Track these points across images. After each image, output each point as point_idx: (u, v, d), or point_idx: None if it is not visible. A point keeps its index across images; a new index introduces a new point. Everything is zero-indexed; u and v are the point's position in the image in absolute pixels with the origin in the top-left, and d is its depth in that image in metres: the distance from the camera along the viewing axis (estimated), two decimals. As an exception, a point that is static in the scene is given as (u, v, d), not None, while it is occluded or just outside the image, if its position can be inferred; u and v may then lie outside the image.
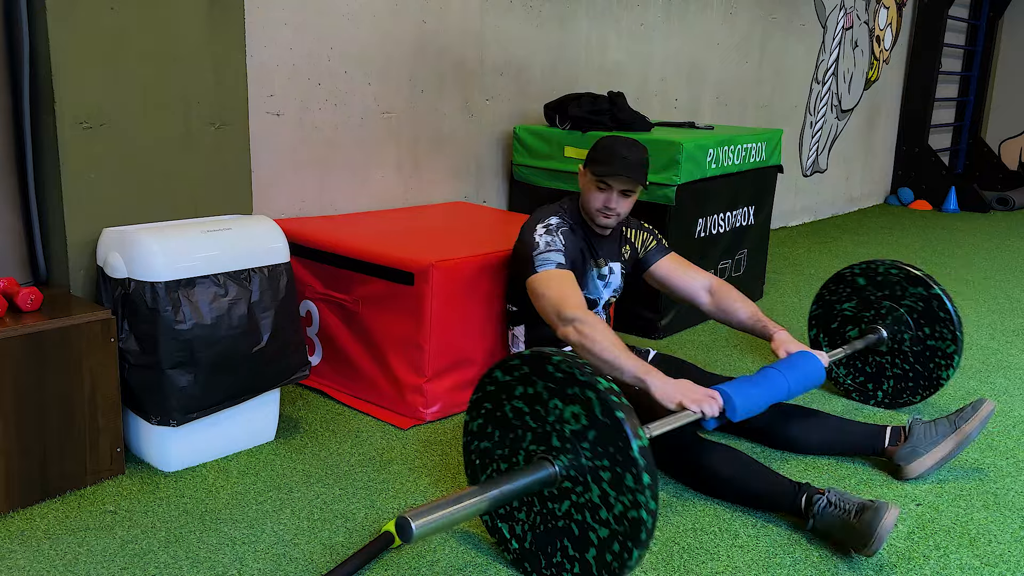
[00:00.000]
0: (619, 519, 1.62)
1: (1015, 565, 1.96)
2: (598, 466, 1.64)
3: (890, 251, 5.51)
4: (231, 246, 2.29)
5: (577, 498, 1.69)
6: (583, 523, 1.69)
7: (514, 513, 1.84)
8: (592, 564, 1.69)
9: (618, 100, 3.80)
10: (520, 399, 1.77)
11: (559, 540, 1.75)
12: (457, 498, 1.64)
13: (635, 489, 1.59)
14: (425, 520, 1.55)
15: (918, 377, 2.75)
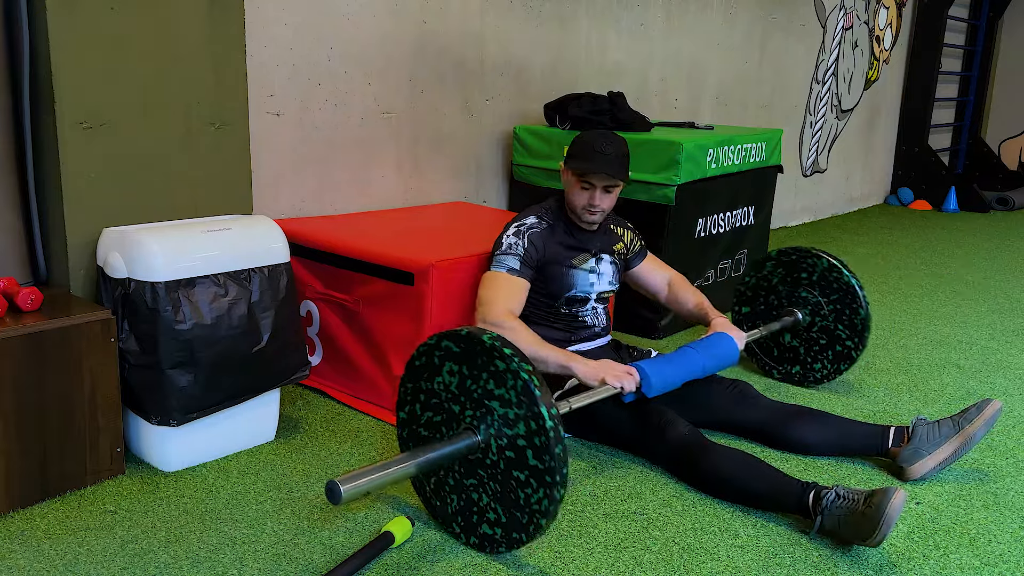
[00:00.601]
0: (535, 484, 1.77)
1: (1015, 565, 1.96)
2: (516, 434, 1.78)
3: (890, 251, 5.52)
4: (231, 246, 2.29)
5: (495, 465, 1.83)
6: (503, 485, 1.83)
7: (442, 479, 1.96)
8: (512, 521, 1.84)
9: (618, 100, 3.80)
10: (448, 374, 1.90)
11: (481, 500, 1.89)
12: (385, 464, 1.78)
13: (547, 457, 1.73)
14: (353, 484, 1.69)
15: (832, 355, 2.94)
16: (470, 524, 1.93)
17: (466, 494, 1.92)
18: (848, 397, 2.92)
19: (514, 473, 1.80)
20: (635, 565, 1.90)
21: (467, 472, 1.90)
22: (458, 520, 1.96)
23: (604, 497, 2.19)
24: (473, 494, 1.90)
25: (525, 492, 1.79)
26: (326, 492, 1.69)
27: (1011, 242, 5.97)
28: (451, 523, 1.98)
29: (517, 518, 1.83)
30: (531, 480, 1.77)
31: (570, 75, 4.29)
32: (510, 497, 1.82)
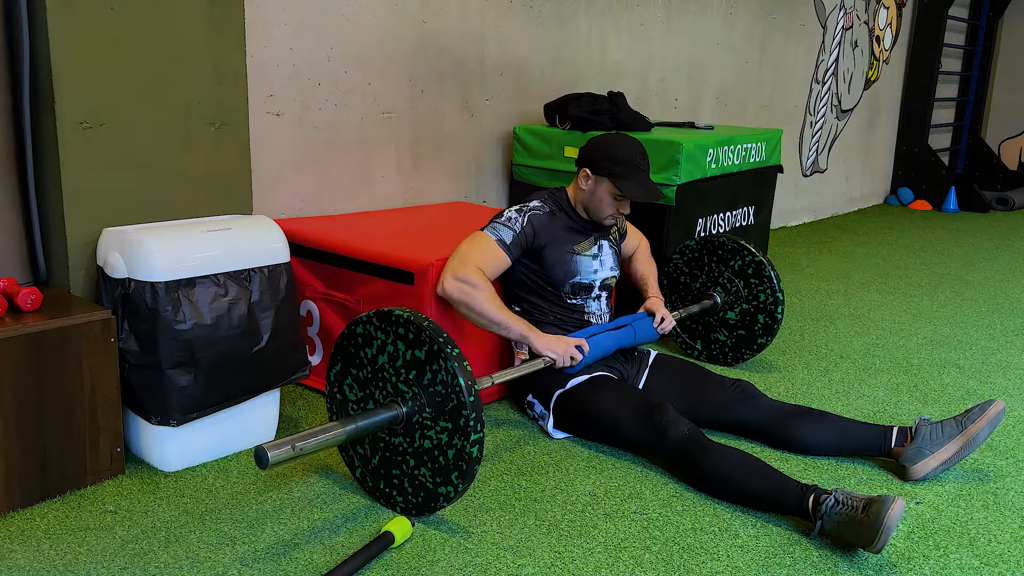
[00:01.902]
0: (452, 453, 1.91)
1: (1015, 565, 1.96)
2: (436, 440, 1.93)
3: (890, 251, 5.52)
4: (231, 246, 2.29)
5: (419, 436, 1.96)
6: (422, 456, 1.96)
7: (367, 448, 2.10)
8: (412, 497, 2.01)
9: (618, 100, 3.80)
10: (375, 350, 2.03)
11: (391, 469, 2.04)
12: (313, 432, 1.88)
13: (465, 428, 1.87)
14: (280, 451, 1.78)
15: (747, 333, 3.12)
16: (399, 489, 2.04)
17: (391, 462, 2.03)
18: (848, 397, 2.92)
19: (426, 460, 1.96)
20: (635, 565, 1.90)
21: (386, 437, 2.03)
22: (382, 486, 2.08)
23: (604, 497, 2.19)
24: (398, 459, 2.02)
25: (435, 480, 1.95)
26: (255, 458, 1.78)
27: (1011, 242, 5.97)
28: (376, 490, 2.09)
29: (422, 496, 1.99)
30: (440, 473, 1.94)
31: (570, 75, 4.29)
32: (434, 461, 1.95)
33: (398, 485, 2.04)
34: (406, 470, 2.01)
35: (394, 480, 2.05)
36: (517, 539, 1.99)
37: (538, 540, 1.99)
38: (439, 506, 1.98)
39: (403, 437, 2.00)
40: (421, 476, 1.98)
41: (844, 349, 3.44)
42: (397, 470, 2.03)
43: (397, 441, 2.01)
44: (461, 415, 1.88)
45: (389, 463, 2.05)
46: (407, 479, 2.02)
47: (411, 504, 2.03)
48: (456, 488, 1.93)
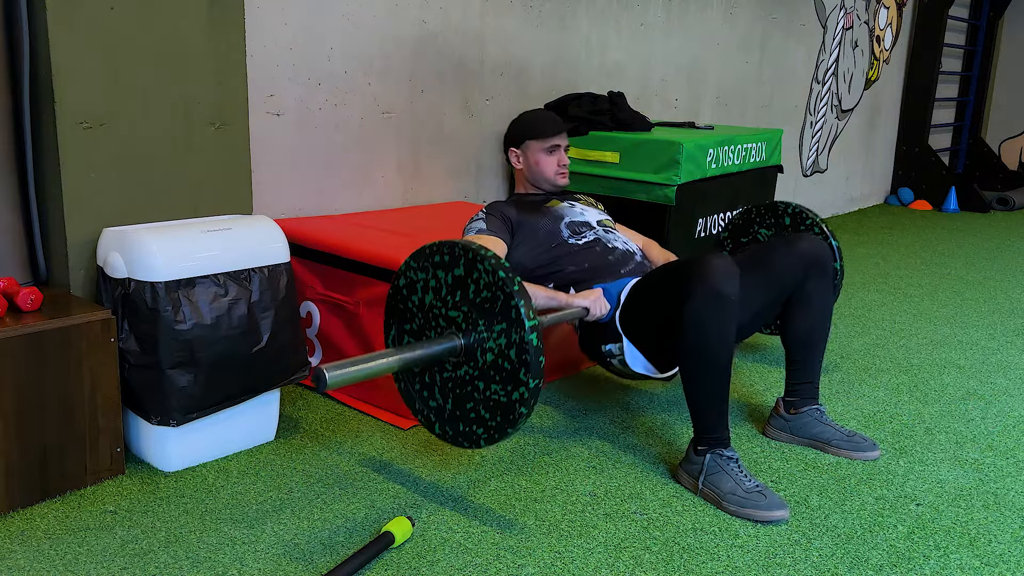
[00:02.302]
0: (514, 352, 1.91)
1: (1015, 565, 1.96)
2: (496, 348, 1.94)
3: (890, 251, 5.52)
4: (231, 246, 2.29)
5: (480, 354, 1.97)
6: (489, 372, 1.97)
7: (427, 389, 2.11)
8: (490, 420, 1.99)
9: (618, 100, 3.80)
10: (420, 292, 2.07)
11: (465, 404, 2.03)
12: (370, 356, 1.92)
13: (518, 319, 1.89)
14: (339, 372, 1.82)
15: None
16: (478, 419, 2.01)
17: (463, 398, 2.03)
18: (848, 397, 2.92)
19: (494, 375, 1.95)
20: (635, 565, 1.90)
21: (451, 374, 2.04)
22: (461, 428, 2.06)
23: (604, 497, 2.19)
24: (468, 390, 2.02)
25: (506, 389, 1.94)
26: (313, 379, 1.82)
27: (1011, 242, 5.97)
28: (458, 436, 2.07)
29: (499, 415, 1.97)
30: (510, 380, 1.92)
31: (570, 75, 4.29)
32: (500, 371, 1.94)
33: (475, 417, 2.01)
34: (479, 396, 1.99)
35: (471, 414, 2.02)
36: (517, 539, 1.99)
37: (538, 540, 1.99)
38: (519, 415, 1.93)
39: (466, 364, 2.00)
40: (494, 394, 1.96)
41: (844, 349, 3.44)
42: (471, 402, 2.01)
43: (462, 372, 2.02)
44: (511, 307, 1.89)
45: (461, 399, 2.03)
46: (482, 405, 1.99)
47: (493, 429, 1.99)
48: (528, 386, 1.89)
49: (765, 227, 3.10)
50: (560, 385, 2.97)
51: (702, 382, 2.16)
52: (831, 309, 2.53)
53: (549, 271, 2.59)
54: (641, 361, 2.43)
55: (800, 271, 2.47)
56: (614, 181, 3.53)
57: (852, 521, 2.11)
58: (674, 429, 2.62)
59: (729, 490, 2.12)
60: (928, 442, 2.58)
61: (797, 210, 3.04)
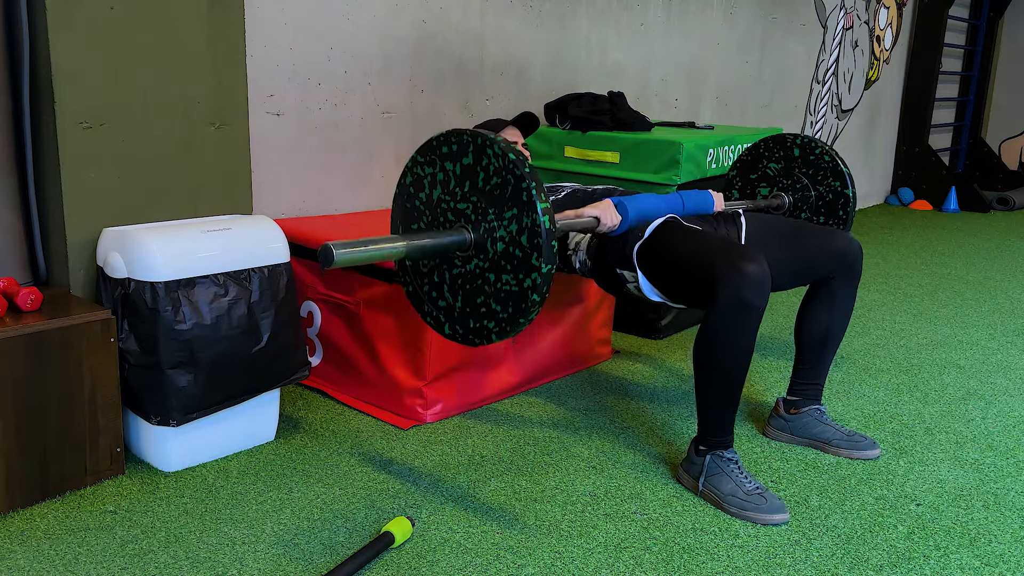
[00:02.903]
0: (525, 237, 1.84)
1: (1015, 565, 1.96)
2: (507, 235, 1.87)
3: (890, 251, 5.52)
4: (231, 246, 2.29)
5: (491, 244, 1.90)
6: (500, 262, 1.90)
7: (435, 289, 2.05)
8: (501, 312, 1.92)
9: (618, 100, 3.80)
10: (427, 187, 2.00)
11: (475, 298, 1.97)
12: (378, 239, 1.87)
13: (530, 202, 1.82)
14: (346, 250, 1.77)
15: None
16: (489, 313, 1.95)
17: (473, 292, 1.96)
18: (848, 397, 2.92)
19: (504, 264, 1.88)
20: (635, 565, 1.90)
21: (461, 269, 1.98)
22: (472, 324, 2.00)
23: (604, 497, 2.19)
24: (479, 283, 1.94)
25: (518, 278, 1.86)
26: (319, 255, 1.77)
27: (1011, 242, 5.97)
28: (468, 333, 2.01)
29: (511, 305, 1.90)
30: (522, 267, 1.85)
31: (570, 75, 4.29)
32: (512, 259, 1.87)
33: (487, 312, 1.94)
34: (489, 289, 1.92)
35: (482, 309, 1.95)
36: (517, 539, 1.99)
37: (538, 540, 1.99)
38: (531, 303, 1.86)
39: (476, 257, 1.93)
40: (505, 284, 1.89)
41: (844, 349, 3.44)
42: (481, 296, 1.95)
43: (472, 266, 1.95)
44: (522, 190, 1.81)
45: (472, 294, 1.96)
46: (492, 298, 1.92)
47: (504, 321, 1.92)
48: (540, 271, 1.82)
49: (774, 161, 3.07)
50: (560, 385, 2.97)
51: (715, 386, 2.15)
52: (850, 315, 2.52)
53: None
54: (655, 292, 2.34)
55: (831, 266, 2.44)
56: (614, 181, 3.52)
57: (852, 521, 2.11)
58: (674, 429, 2.62)
59: (730, 492, 2.12)
60: (928, 442, 2.58)
61: (806, 140, 2.99)
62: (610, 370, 3.13)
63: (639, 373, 3.10)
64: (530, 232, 1.82)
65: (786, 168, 3.05)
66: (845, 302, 2.49)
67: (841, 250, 2.44)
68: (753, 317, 2.06)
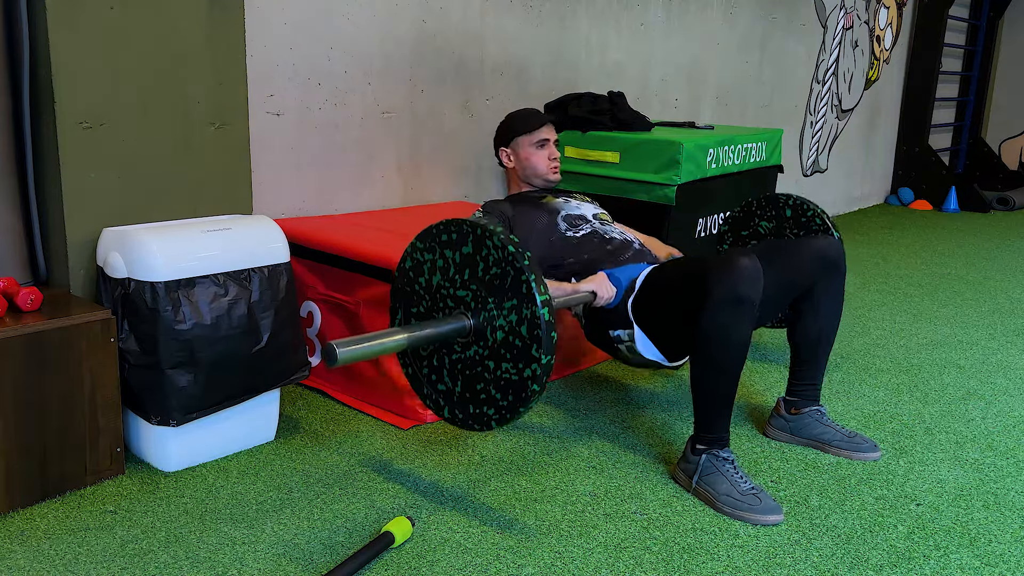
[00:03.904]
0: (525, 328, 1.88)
1: (1015, 565, 1.96)
2: (507, 325, 1.91)
3: (890, 251, 5.52)
4: (231, 246, 2.29)
5: (490, 332, 1.95)
6: (500, 351, 1.94)
7: (435, 372, 2.09)
8: (501, 400, 1.96)
9: (618, 100, 3.80)
10: (427, 273, 2.05)
11: (475, 385, 2.00)
12: (379, 334, 1.91)
13: (529, 294, 1.86)
14: (349, 349, 1.82)
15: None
16: (488, 400, 1.98)
17: (473, 379, 2.00)
18: (848, 397, 2.92)
19: (504, 353, 1.92)
20: (635, 565, 1.90)
21: (460, 355, 2.02)
22: (471, 410, 2.03)
23: (604, 497, 2.19)
24: (478, 371, 1.98)
25: (518, 367, 1.90)
26: (323, 355, 1.82)
27: (1011, 242, 5.97)
28: (468, 418, 2.04)
29: (511, 394, 1.93)
30: (522, 357, 1.89)
31: (570, 75, 4.29)
32: (511, 348, 1.91)
33: (486, 398, 1.98)
34: (489, 376, 1.96)
35: (481, 396, 1.99)
36: (517, 539, 1.99)
37: (538, 540, 1.99)
38: (531, 392, 1.89)
39: (476, 344, 1.97)
40: (505, 373, 1.93)
41: (844, 349, 3.44)
42: (481, 383, 1.98)
43: (472, 352, 1.99)
44: (521, 282, 1.86)
45: (471, 380, 2.00)
46: (492, 385, 1.96)
47: (504, 409, 1.95)
48: (540, 362, 1.85)
49: (766, 219, 3.09)
50: (560, 385, 2.97)
51: (712, 385, 2.16)
52: (841, 310, 2.53)
53: (548, 264, 2.59)
54: (652, 349, 2.39)
55: (816, 271, 2.46)
56: (614, 181, 3.53)
57: (852, 521, 2.11)
58: (674, 429, 2.62)
59: (725, 491, 2.12)
60: (928, 442, 2.58)
61: (798, 202, 3.03)
62: (610, 370, 3.13)
63: (639, 373, 3.10)
64: (530, 324, 1.86)
65: (777, 227, 3.09)
66: (834, 299, 2.51)
67: (822, 251, 2.47)
68: (747, 311, 2.09)
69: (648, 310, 2.36)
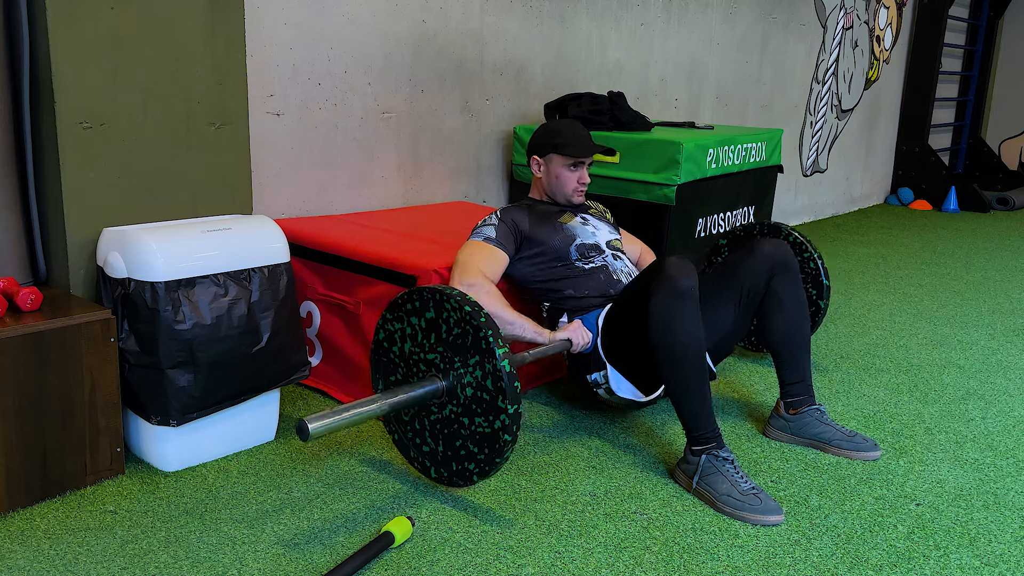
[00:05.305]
0: (490, 381, 1.97)
1: (1015, 565, 1.96)
2: (474, 380, 2.00)
3: (890, 251, 5.52)
4: (231, 246, 2.29)
5: (460, 390, 2.04)
6: (471, 406, 2.02)
7: (418, 436, 2.17)
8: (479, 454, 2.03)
9: (618, 100, 3.80)
10: (399, 341, 2.15)
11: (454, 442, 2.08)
12: (353, 404, 1.96)
13: (489, 349, 1.95)
14: (321, 424, 1.86)
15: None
16: (467, 455, 2.06)
17: (452, 436, 2.08)
18: (848, 397, 2.92)
19: (475, 408, 2.01)
20: (635, 565, 1.90)
21: (438, 415, 2.10)
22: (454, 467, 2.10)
23: (604, 497, 2.19)
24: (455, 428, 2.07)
25: (488, 419, 1.98)
26: (296, 431, 1.85)
27: (1011, 242, 5.97)
28: (452, 475, 2.11)
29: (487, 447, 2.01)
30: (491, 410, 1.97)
31: (570, 75, 4.29)
32: (481, 403, 2.00)
33: (465, 454, 2.06)
34: (465, 432, 2.04)
35: (461, 451, 2.07)
36: (517, 539, 1.99)
37: (538, 540, 1.99)
38: (504, 443, 1.97)
39: (450, 403, 2.06)
40: (478, 427, 2.01)
41: (844, 349, 3.44)
42: (459, 439, 2.06)
43: (448, 411, 2.07)
44: (480, 339, 1.95)
45: (450, 439, 2.08)
46: (469, 441, 2.04)
47: (483, 462, 2.03)
48: (507, 412, 1.94)
49: None
50: (560, 385, 2.97)
51: (677, 378, 2.20)
52: (806, 305, 2.55)
53: (548, 288, 2.61)
54: (626, 386, 2.47)
55: (765, 274, 2.51)
56: (614, 181, 3.52)
57: (852, 521, 2.11)
58: (674, 429, 2.62)
59: (725, 491, 2.13)
60: (928, 442, 2.58)
61: (800, 240, 3.07)
62: (610, 370, 3.13)
63: (639, 373, 3.10)
64: (493, 376, 1.96)
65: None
66: (795, 298, 2.53)
67: (767, 255, 2.51)
68: (690, 296, 2.19)
69: (613, 342, 2.44)
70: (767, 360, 3.27)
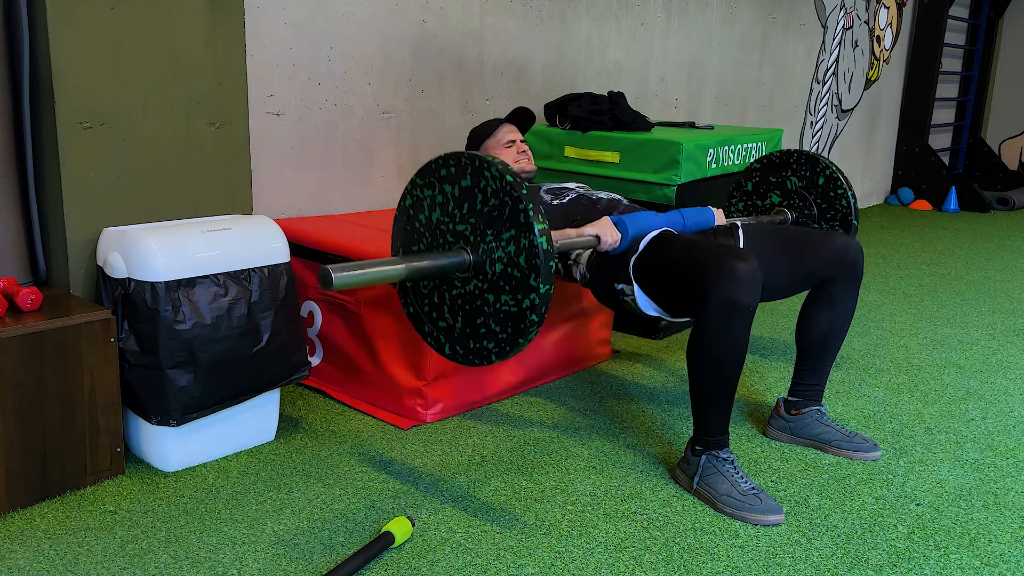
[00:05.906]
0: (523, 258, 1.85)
1: (1015, 565, 1.96)
2: (506, 256, 1.89)
3: (890, 251, 5.52)
4: (231, 246, 2.29)
5: (489, 265, 1.92)
6: (499, 282, 1.91)
7: (435, 310, 2.07)
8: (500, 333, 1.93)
9: (618, 100, 3.80)
10: (427, 209, 2.02)
11: (475, 319, 1.98)
12: (377, 261, 1.91)
13: (528, 223, 1.83)
14: (345, 274, 1.80)
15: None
16: (488, 333, 1.96)
17: (473, 313, 1.98)
18: (848, 397, 2.92)
19: (503, 285, 1.90)
20: (635, 565, 1.90)
21: (460, 290, 2.00)
22: (471, 345, 2.01)
23: (604, 497, 2.19)
24: (478, 304, 1.96)
25: (516, 298, 1.87)
26: (319, 278, 1.79)
27: (1011, 242, 5.97)
28: (468, 353, 2.02)
29: (510, 326, 1.91)
30: (520, 288, 1.86)
31: (570, 75, 4.29)
32: (510, 280, 1.88)
33: (486, 332, 1.95)
34: (488, 310, 1.94)
35: (481, 330, 1.96)
36: (517, 539, 1.99)
37: (538, 540, 1.99)
38: (530, 323, 1.86)
39: (475, 278, 1.95)
40: (504, 305, 1.90)
41: (844, 349, 3.44)
42: (480, 316, 1.96)
43: (471, 286, 1.96)
44: (519, 211, 1.83)
45: (472, 315, 1.98)
46: (492, 319, 1.93)
47: (504, 342, 1.93)
48: (539, 291, 1.83)
49: (797, 176, 3.04)
50: (560, 385, 2.97)
51: (709, 387, 2.15)
52: (852, 316, 2.51)
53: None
54: (652, 306, 2.34)
55: (831, 269, 2.44)
56: (614, 181, 3.52)
57: (852, 521, 2.11)
58: (674, 429, 2.62)
59: (725, 492, 2.12)
60: (928, 442, 2.58)
61: (834, 175, 2.95)
62: (610, 370, 3.13)
63: (639, 373, 3.10)
64: (528, 253, 1.83)
65: (806, 187, 3.02)
66: (846, 303, 2.48)
67: (840, 251, 2.44)
68: (743, 316, 2.06)
69: (648, 276, 2.31)
70: (767, 360, 3.27)
